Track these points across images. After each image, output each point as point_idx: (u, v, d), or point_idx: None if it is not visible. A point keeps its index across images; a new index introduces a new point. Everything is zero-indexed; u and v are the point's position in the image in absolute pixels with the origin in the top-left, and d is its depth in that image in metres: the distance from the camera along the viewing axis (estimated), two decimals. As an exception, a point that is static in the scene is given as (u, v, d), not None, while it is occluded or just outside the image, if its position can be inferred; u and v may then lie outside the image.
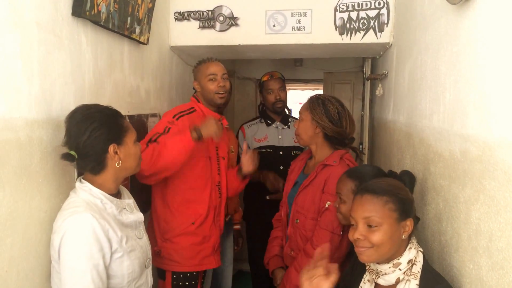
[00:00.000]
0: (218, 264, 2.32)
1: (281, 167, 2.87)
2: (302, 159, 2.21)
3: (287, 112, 3.11)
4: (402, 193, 1.30)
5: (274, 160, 2.94)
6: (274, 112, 3.02)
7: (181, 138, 1.97)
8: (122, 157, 1.45)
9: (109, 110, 1.47)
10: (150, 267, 1.63)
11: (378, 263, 1.31)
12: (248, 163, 2.31)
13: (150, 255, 1.62)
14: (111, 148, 1.41)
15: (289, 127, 3.01)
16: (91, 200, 1.40)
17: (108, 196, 1.44)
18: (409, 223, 1.27)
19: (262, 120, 3.07)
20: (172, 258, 2.18)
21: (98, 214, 1.36)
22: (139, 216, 1.56)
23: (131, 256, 1.45)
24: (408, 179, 1.53)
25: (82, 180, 1.44)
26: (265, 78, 3.02)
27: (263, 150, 2.95)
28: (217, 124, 2.05)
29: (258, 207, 2.98)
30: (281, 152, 2.95)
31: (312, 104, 2.00)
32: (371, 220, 1.25)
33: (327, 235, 1.82)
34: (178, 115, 2.19)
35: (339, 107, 1.99)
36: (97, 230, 1.32)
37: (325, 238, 1.82)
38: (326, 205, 1.85)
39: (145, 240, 1.59)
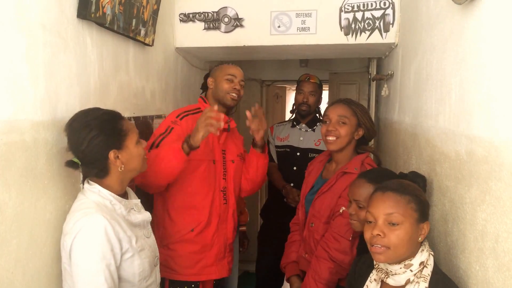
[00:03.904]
0: (222, 274, 2.18)
1: (295, 168, 2.91)
2: (320, 161, 2.16)
3: (318, 116, 3.10)
4: (422, 196, 1.30)
5: (290, 160, 2.96)
6: (299, 113, 3.05)
7: (172, 148, 1.88)
8: (124, 161, 1.45)
9: (107, 115, 1.46)
10: (158, 265, 1.64)
11: (388, 263, 1.30)
12: (256, 128, 2.11)
13: (157, 253, 1.63)
14: (111, 154, 1.41)
15: (313, 130, 3.01)
16: (101, 201, 1.41)
17: (117, 197, 1.46)
18: (426, 226, 1.27)
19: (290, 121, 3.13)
20: (169, 266, 2.08)
21: (108, 215, 1.37)
22: (146, 215, 1.57)
23: (142, 255, 1.46)
24: (421, 181, 1.51)
25: (91, 182, 1.45)
26: (302, 78, 3.06)
27: (282, 149, 3.01)
28: (211, 115, 1.84)
29: (276, 209, 3.00)
30: (298, 153, 2.96)
31: (355, 108, 1.97)
32: (393, 217, 1.22)
33: (337, 239, 1.81)
34: (182, 114, 2.12)
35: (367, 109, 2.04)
36: (108, 231, 1.33)
37: (334, 242, 1.81)
38: (341, 210, 1.82)
39: (152, 239, 1.61)
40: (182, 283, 2.09)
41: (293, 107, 3.16)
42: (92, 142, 1.38)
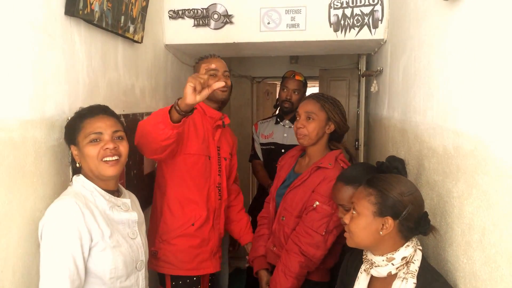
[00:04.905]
0: (216, 269, 2.23)
1: None
2: (292, 156, 2.19)
3: None
4: (393, 193, 1.29)
5: (275, 157, 2.97)
6: (281, 109, 3.05)
7: (160, 111, 1.68)
8: (79, 159, 1.47)
9: (81, 109, 1.53)
10: (143, 271, 1.58)
11: (373, 254, 1.33)
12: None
13: (143, 258, 1.57)
14: (72, 148, 1.48)
15: None
16: (82, 191, 1.43)
17: (100, 190, 1.46)
18: (390, 222, 1.27)
19: (274, 118, 3.13)
20: (168, 260, 2.11)
21: (83, 203, 1.37)
22: (132, 215, 1.54)
23: (115, 252, 1.42)
24: (399, 164, 1.49)
25: (79, 174, 1.48)
26: (287, 75, 3.07)
27: (266, 146, 3.00)
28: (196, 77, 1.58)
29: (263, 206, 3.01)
30: (283, 150, 2.97)
31: (324, 102, 1.97)
32: (354, 207, 1.35)
33: (310, 233, 1.83)
34: None
35: (340, 103, 2.04)
36: (77, 217, 1.33)
37: (307, 236, 1.83)
38: (314, 205, 1.85)
39: (138, 241, 1.55)
40: (184, 277, 2.12)
41: (276, 102, 3.18)
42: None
